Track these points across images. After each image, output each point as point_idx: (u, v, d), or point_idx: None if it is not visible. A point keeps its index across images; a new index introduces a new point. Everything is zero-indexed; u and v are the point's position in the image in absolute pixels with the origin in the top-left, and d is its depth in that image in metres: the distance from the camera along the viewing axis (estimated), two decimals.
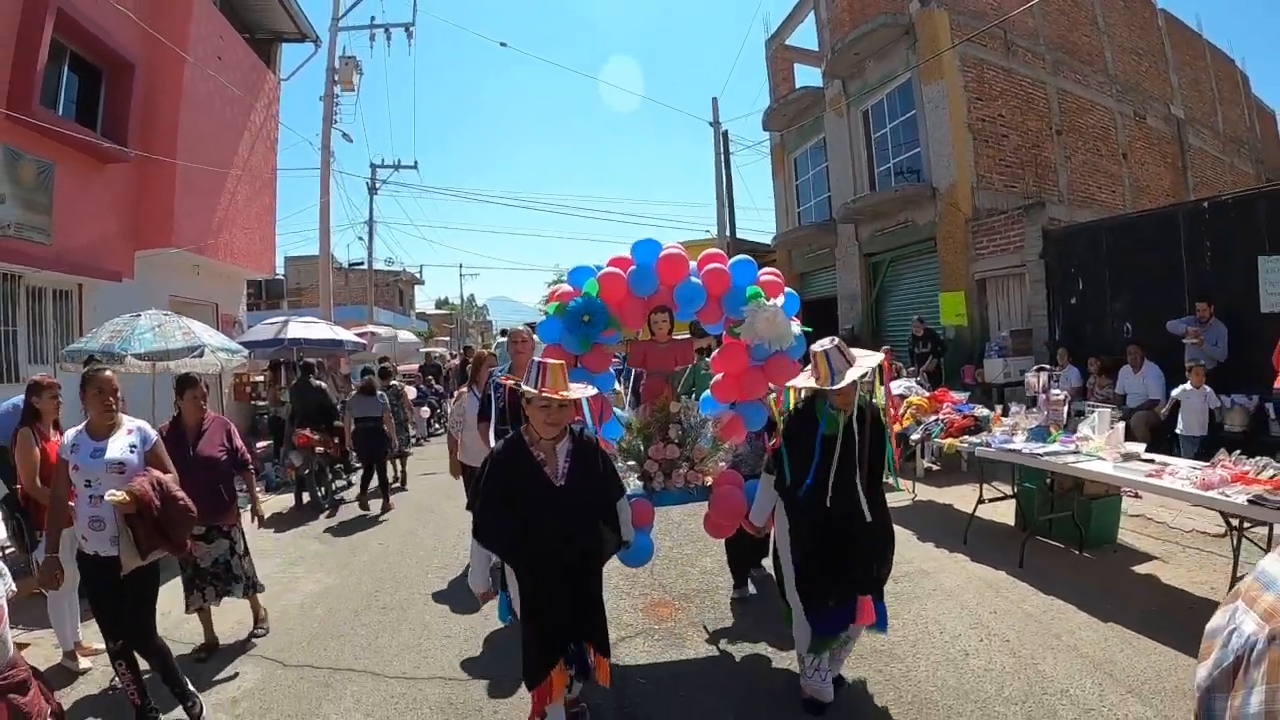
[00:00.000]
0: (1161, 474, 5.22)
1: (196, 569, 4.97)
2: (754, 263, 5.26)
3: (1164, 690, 3.97)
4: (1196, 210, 9.85)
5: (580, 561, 3.42)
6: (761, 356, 4.87)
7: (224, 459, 5.14)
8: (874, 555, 3.94)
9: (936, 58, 14.47)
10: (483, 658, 4.86)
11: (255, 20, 17.52)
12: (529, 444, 3.44)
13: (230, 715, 4.26)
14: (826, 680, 3.93)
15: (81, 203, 11.16)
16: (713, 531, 4.94)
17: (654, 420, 4.90)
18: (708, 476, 4.89)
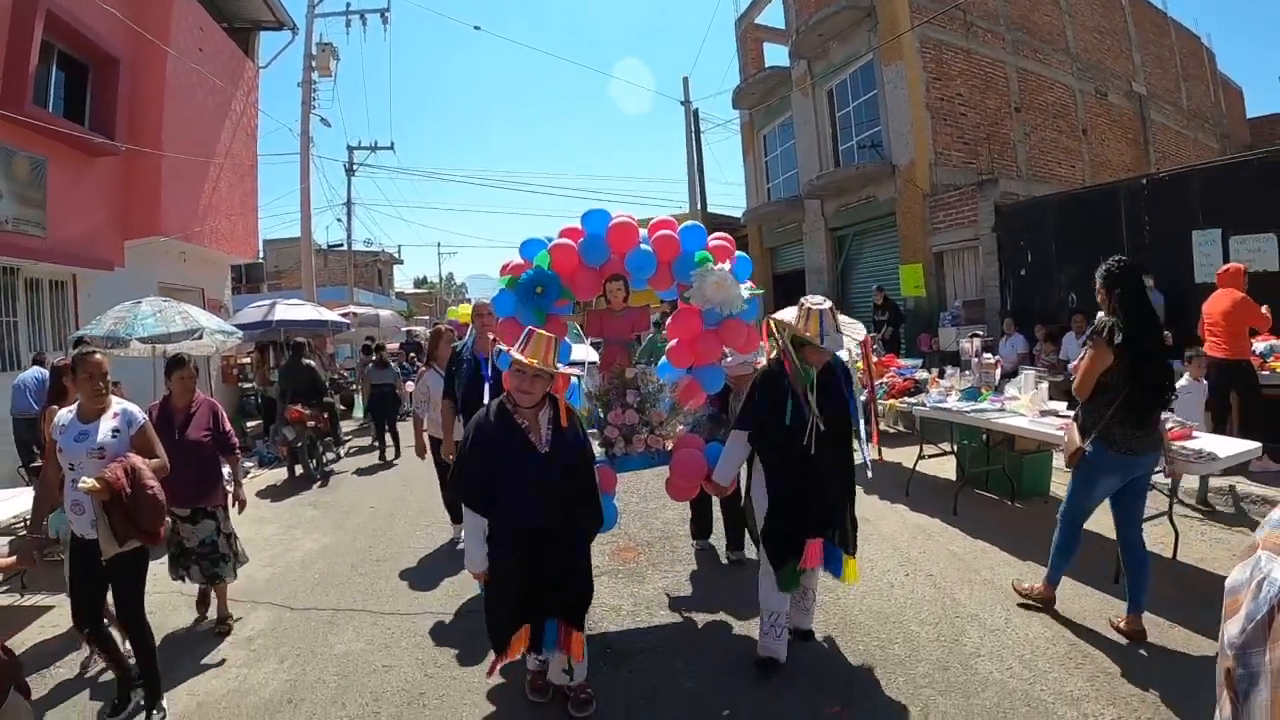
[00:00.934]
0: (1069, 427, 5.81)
1: (181, 549, 5.04)
2: (703, 228, 5.27)
3: (1064, 613, 4.60)
4: (1136, 186, 10.43)
5: (562, 529, 3.50)
6: (714, 321, 4.89)
7: (210, 442, 5.11)
8: (830, 501, 4.00)
9: (896, 39, 15.02)
10: (471, 599, 5.38)
11: (233, 10, 17.68)
12: (512, 411, 3.53)
13: (247, 650, 4.83)
14: (781, 639, 4.08)
15: (73, 196, 11.52)
16: (675, 494, 4.99)
17: (611, 387, 4.95)
18: (668, 441, 4.94)
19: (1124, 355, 4.15)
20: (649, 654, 4.44)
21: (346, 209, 31.86)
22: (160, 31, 13.01)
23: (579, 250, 4.99)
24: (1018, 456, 6.93)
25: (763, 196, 22.53)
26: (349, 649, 4.76)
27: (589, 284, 5.09)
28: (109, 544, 3.78)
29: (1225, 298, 7.41)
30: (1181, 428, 5.34)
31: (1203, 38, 25.86)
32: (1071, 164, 18.18)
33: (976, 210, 13.46)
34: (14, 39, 10.19)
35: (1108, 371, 4.25)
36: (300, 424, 10.24)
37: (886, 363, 9.04)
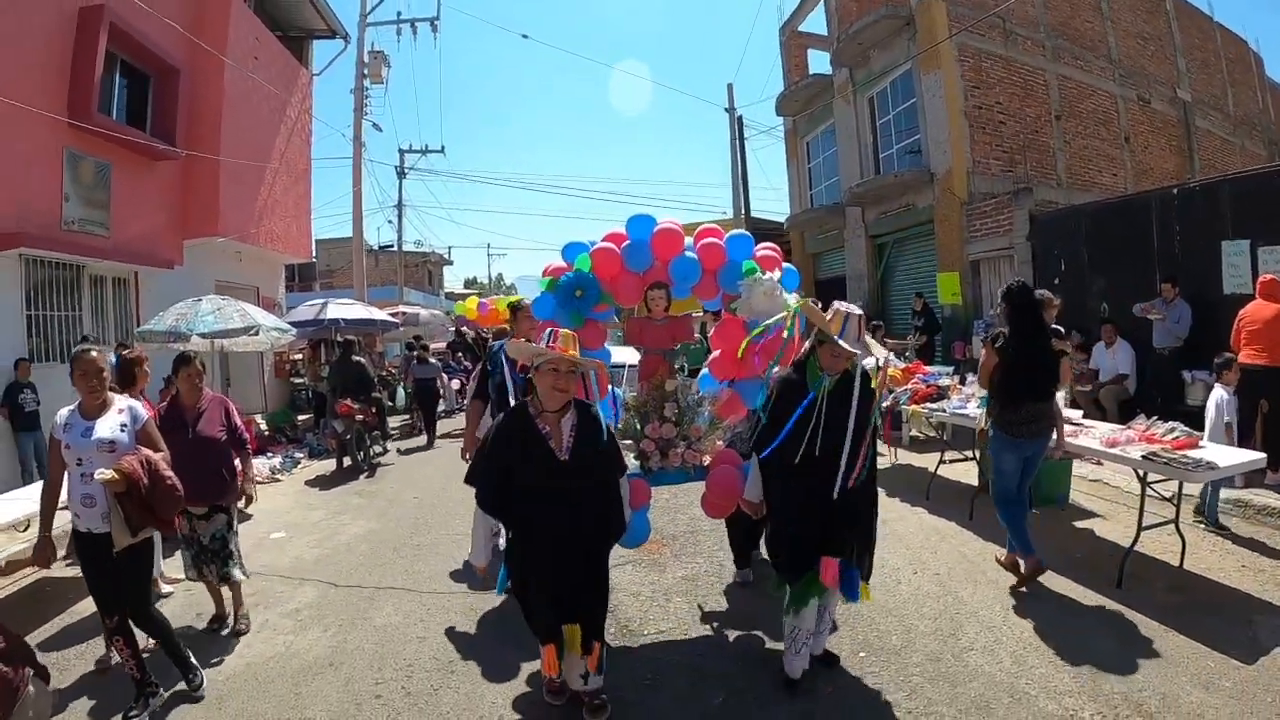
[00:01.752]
0: (1079, 434, 6.06)
1: (201, 546, 5.05)
2: (750, 237, 5.16)
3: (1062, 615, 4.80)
4: (1167, 196, 10.46)
5: (581, 538, 3.46)
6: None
7: (223, 438, 5.13)
8: (847, 520, 3.86)
9: (934, 48, 15.13)
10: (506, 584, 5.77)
11: (287, 19, 18.35)
12: (534, 416, 3.48)
13: (294, 621, 5.27)
14: (801, 655, 3.98)
15: (135, 198, 12.14)
16: (710, 511, 4.89)
17: (650, 399, 4.82)
18: (705, 456, 4.81)
19: (1005, 358, 5.24)
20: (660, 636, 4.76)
21: (398, 210, 32.52)
22: (218, 42, 13.62)
23: (622, 255, 4.98)
24: None
25: (805, 203, 22.63)
26: (387, 622, 5.15)
27: (631, 290, 5.10)
28: (122, 535, 3.81)
29: (1269, 306, 7.51)
30: (1189, 437, 5.51)
31: (1250, 42, 25.37)
32: (1113, 172, 18.04)
33: (1012, 219, 13.53)
34: (80, 50, 10.81)
35: (995, 369, 5.33)
36: (349, 418, 10.70)
37: (912, 370, 9.24)
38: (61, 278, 10.80)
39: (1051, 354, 5.33)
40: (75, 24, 10.82)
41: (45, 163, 10.36)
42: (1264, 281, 7.73)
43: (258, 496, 5.55)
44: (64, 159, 10.58)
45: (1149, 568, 5.49)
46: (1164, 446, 5.38)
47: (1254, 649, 4.22)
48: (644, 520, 4.58)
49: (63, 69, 10.59)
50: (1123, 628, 4.59)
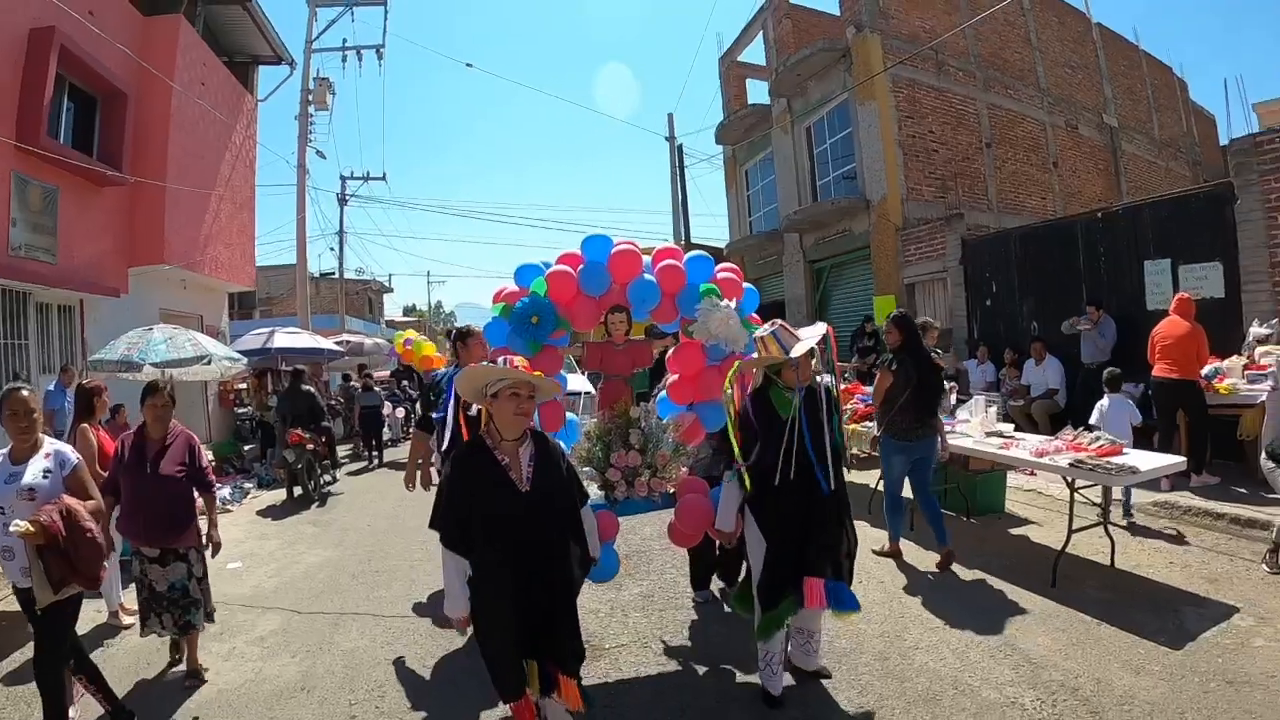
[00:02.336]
0: (1010, 446, 6.42)
1: (152, 593, 4.67)
2: (710, 259, 5.10)
3: (1001, 614, 5.10)
4: (1092, 220, 11.04)
5: (547, 572, 3.28)
6: (718, 357, 4.76)
7: (184, 478, 4.75)
8: (825, 536, 3.90)
9: (869, 80, 15.72)
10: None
11: (233, 44, 18.28)
12: (491, 447, 3.32)
13: (260, 648, 5.31)
14: (777, 674, 4.01)
15: (81, 224, 12.00)
16: (678, 541, 4.77)
17: (614, 426, 4.63)
18: (670, 484, 4.67)
19: (898, 377, 6.15)
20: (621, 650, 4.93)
21: (339, 238, 32.29)
22: (166, 66, 13.57)
23: (578, 278, 4.81)
24: (972, 475, 7.45)
25: (745, 229, 23.12)
26: (355, 645, 5.23)
27: (588, 314, 4.94)
28: (43, 591, 3.57)
29: (1180, 324, 8.00)
30: (1112, 445, 5.87)
31: (1175, 68, 26.53)
32: (1042, 196, 18.84)
33: (944, 243, 14.09)
34: (29, 73, 10.70)
35: (891, 387, 6.19)
36: (300, 447, 10.69)
37: (851, 390, 9.56)
38: (7, 305, 10.66)
39: (938, 372, 6.35)
40: (25, 45, 10.73)
41: None
42: (1178, 300, 8.24)
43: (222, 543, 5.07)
44: (11, 183, 10.45)
45: (1081, 568, 5.85)
46: (1089, 454, 5.74)
47: (1181, 636, 4.58)
48: (612, 553, 4.44)
49: (10, 91, 10.48)
50: (1058, 623, 4.89)
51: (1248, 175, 8.53)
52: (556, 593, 3.32)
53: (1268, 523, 6.37)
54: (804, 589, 3.81)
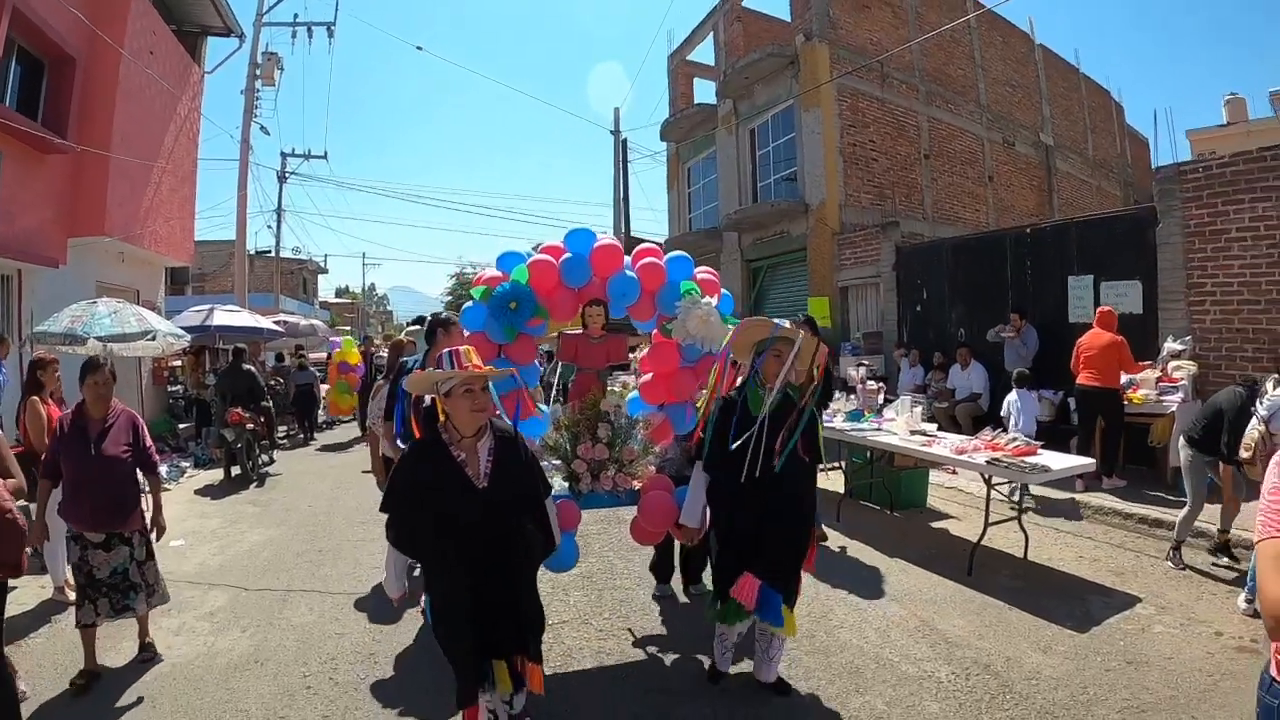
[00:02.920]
0: (932, 444, 6.82)
1: (91, 579, 4.47)
2: (690, 259, 5.09)
3: (920, 598, 5.50)
4: (1021, 234, 11.56)
5: (506, 567, 3.22)
6: (693, 357, 4.80)
7: (129, 458, 4.62)
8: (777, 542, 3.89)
9: (815, 88, 16.16)
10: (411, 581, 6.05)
11: (183, 13, 17.89)
12: (448, 443, 3.23)
13: (210, 623, 5.42)
14: (726, 654, 4.16)
15: (23, 192, 11.71)
16: (640, 538, 4.76)
17: (583, 418, 4.64)
18: (636, 480, 4.69)
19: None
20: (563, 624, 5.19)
21: (277, 216, 31.81)
22: (116, 32, 13.24)
23: (560, 269, 4.81)
24: (896, 472, 7.83)
25: (684, 226, 23.40)
26: (304, 620, 5.38)
27: (566, 305, 4.93)
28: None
29: (1102, 335, 8.52)
30: (1027, 445, 6.27)
31: (1113, 92, 27.49)
32: (976, 208, 19.54)
33: (879, 250, 14.59)
34: None
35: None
36: (240, 426, 10.67)
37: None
38: None
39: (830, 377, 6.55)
40: None
41: None
42: (1101, 312, 8.77)
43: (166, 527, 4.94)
44: None
45: (997, 559, 6.29)
46: (1005, 454, 6.16)
47: (1086, 621, 5.01)
48: (572, 543, 4.31)
49: None
50: (973, 608, 5.29)
51: (1170, 201, 9.04)
52: (518, 582, 3.30)
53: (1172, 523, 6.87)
54: (738, 583, 3.83)
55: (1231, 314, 8.53)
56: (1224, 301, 8.58)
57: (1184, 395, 8.44)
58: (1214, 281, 8.67)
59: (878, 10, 18.03)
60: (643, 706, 4.05)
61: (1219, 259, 8.62)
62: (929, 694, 4.08)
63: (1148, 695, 3.99)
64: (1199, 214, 8.78)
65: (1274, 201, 8.13)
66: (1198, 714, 3.78)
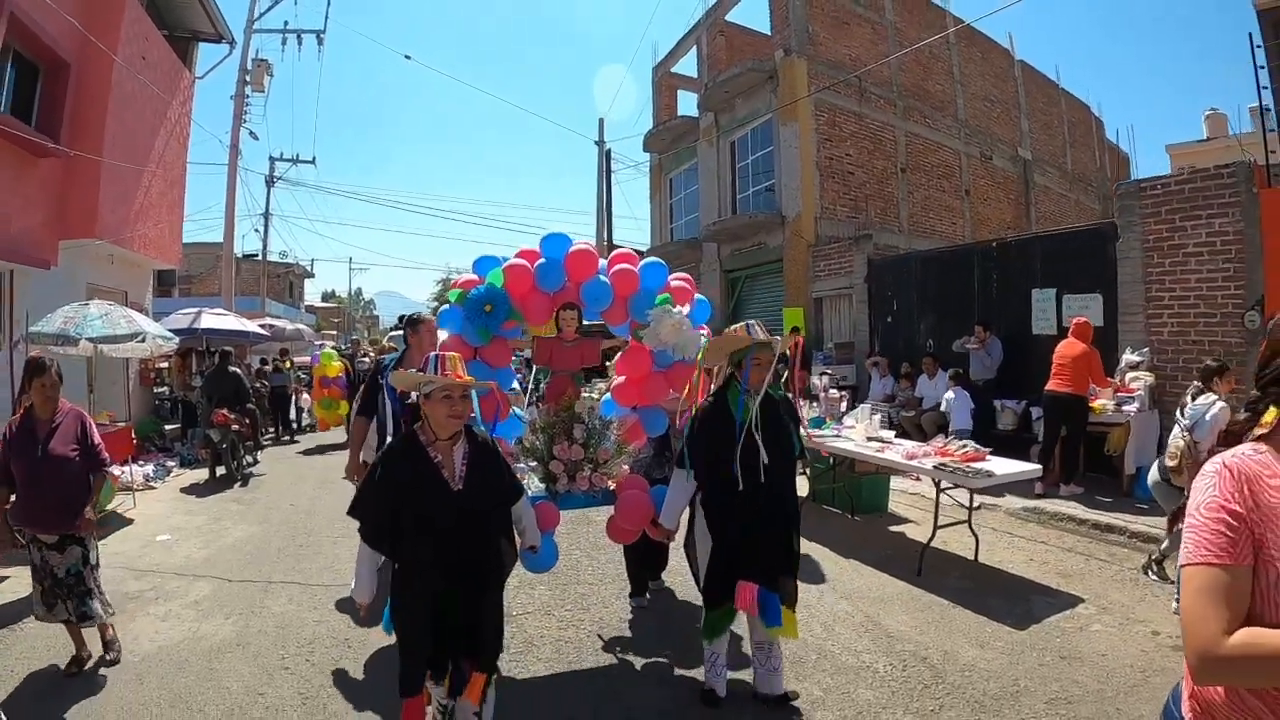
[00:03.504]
0: (885, 449, 7.15)
1: (55, 579, 4.52)
2: (665, 266, 5.12)
3: (868, 597, 5.79)
4: (987, 249, 11.95)
5: (475, 570, 3.29)
6: (665, 363, 4.89)
7: (76, 458, 4.58)
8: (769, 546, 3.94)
9: (793, 103, 16.55)
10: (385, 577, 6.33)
11: (175, 19, 18.12)
12: (425, 444, 3.30)
13: (195, 610, 5.68)
14: (721, 675, 4.11)
15: (16, 194, 11.91)
16: (616, 536, 4.81)
17: (558, 420, 4.71)
18: (611, 480, 4.77)
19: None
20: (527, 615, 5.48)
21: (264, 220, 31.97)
22: (110, 38, 13.44)
23: (535, 273, 4.86)
24: (858, 477, 8.10)
25: (666, 236, 23.73)
26: (284, 609, 5.65)
27: (540, 309, 4.98)
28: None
29: (1076, 345, 8.85)
30: (977, 452, 6.59)
31: (1093, 107, 27.90)
32: (953, 221, 19.92)
33: (852, 262, 14.97)
34: None
35: None
36: (225, 427, 10.90)
37: None
38: None
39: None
40: None
41: None
42: (1076, 323, 9.09)
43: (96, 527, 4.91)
44: None
45: (948, 561, 6.59)
46: (953, 459, 6.48)
47: (1026, 619, 5.30)
48: (551, 544, 4.34)
49: None
50: (918, 606, 5.59)
51: (1130, 217, 9.40)
52: (485, 589, 3.35)
53: (1124, 528, 7.20)
54: (736, 591, 3.87)
55: (1188, 326, 8.88)
56: (1181, 314, 8.94)
57: (1140, 405, 8.79)
58: (1171, 295, 9.03)
59: (857, 26, 18.42)
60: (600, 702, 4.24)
61: (1176, 273, 8.99)
62: (864, 683, 4.37)
63: (1076, 689, 4.26)
64: (1158, 229, 9.14)
65: (1229, 217, 8.49)
66: (1123, 706, 4.04)
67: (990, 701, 4.14)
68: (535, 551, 3.80)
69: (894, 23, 19.17)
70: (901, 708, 4.10)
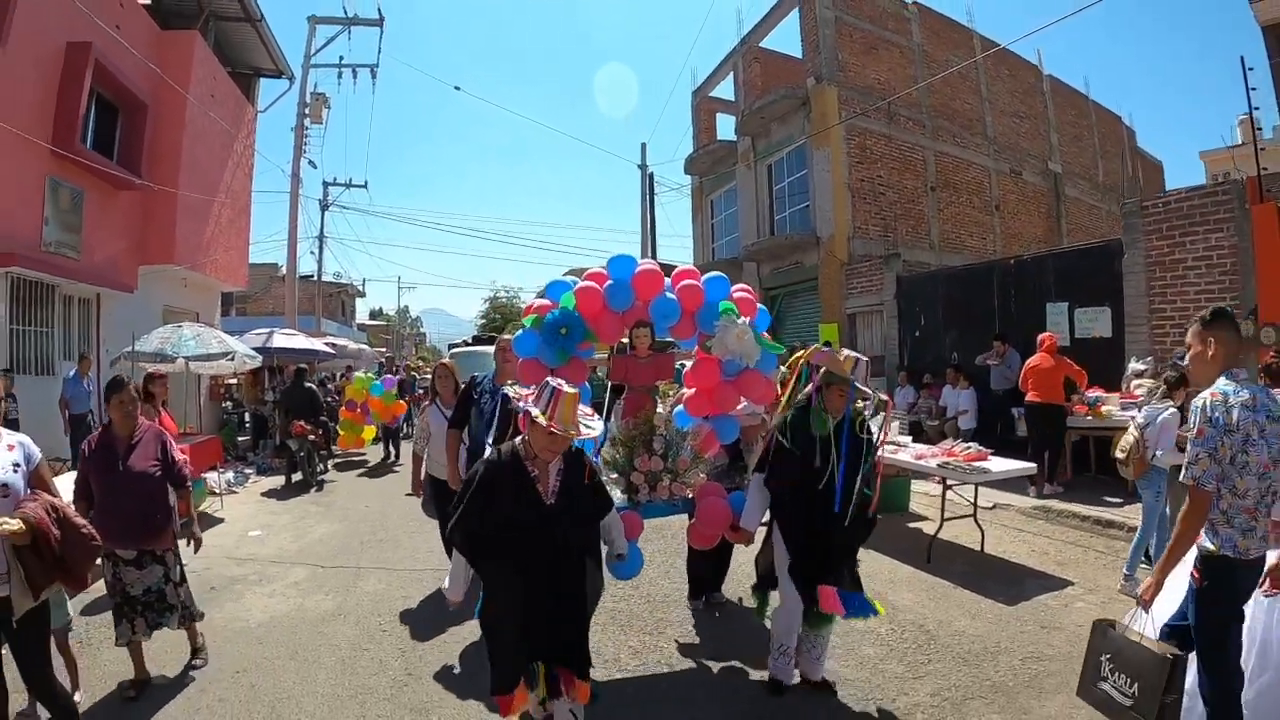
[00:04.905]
0: (898, 451, 7.94)
1: (126, 597, 4.49)
2: (727, 280, 5.31)
3: (880, 579, 6.51)
4: (1005, 266, 12.66)
5: (562, 582, 3.38)
6: (733, 371, 5.01)
7: (158, 474, 4.58)
8: (842, 549, 4.25)
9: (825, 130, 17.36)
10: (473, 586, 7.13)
11: (238, 57, 19.48)
12: (525, 458, 3.42)
13: (297, 589, 6.62)
14: (788, 665, 4.42)
15: (103, 224, 13.24)
16: (697, 541, 4.88)
17: (638, 433, 4.82)
18: (689, 489, 4.82)
19: None
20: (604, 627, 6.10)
21: (319, 242, 33.17)
22: (182, 79, 14.84)
23: (604, 294, 5.04)
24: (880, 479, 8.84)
25: (708, 256, 24.50)
26: (375, 589, 6.57)
27: (612, 328, 5.17)
28: (23, 598, 3.27)
29: (1046, 359, 9.67)
30: (979, 453, 7.34)
31: (1124, 117, 28.01)
32: (983, 236, 20.43)
33: (882, 279, 15.70)
34: (66, 84, 11.98)
35: None
36: (302, 437, 11.92)
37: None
38: (38, 296, 11.86)
39: None
40: (62, 58, 11.94)
41: (30, 188, 11.44)
42: (1043, 340, 9.87)
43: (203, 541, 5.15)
44: (46, 185, 11.67)
45: (955, 551, 7.34)
46: (956, 459, 7.25)
47: (1017, 596, 6.03)
48: (637, 551, 4.39)
49: (48, 100, 11.68)
50: (923, 586, 6.37)
51: (1134, 234, 10.05)
52: (572, 603, 3.44)
53: (1123, 524, 7.85)
54: (819, 595, 4.13)
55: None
56: (1181, 325, 9.30)
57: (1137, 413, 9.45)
58: (1173, 306, 9.64)
59: (885, 51, 19.14)
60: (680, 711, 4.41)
61: (1177, 286, 9.61)
62: (868, 642, 5.18)
63: (1049, 650, 4.97)
64: (1159, 245, 9.77)
65: (1225, 232, 9.10)
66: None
67: (972, 658, 4.89)
68: (623, 559, 3.91)
69: (921, 45, 19.81)
70: (897, 659, 4.91)
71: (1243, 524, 3.13)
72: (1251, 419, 3.10)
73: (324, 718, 4.28)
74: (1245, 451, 3.09)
